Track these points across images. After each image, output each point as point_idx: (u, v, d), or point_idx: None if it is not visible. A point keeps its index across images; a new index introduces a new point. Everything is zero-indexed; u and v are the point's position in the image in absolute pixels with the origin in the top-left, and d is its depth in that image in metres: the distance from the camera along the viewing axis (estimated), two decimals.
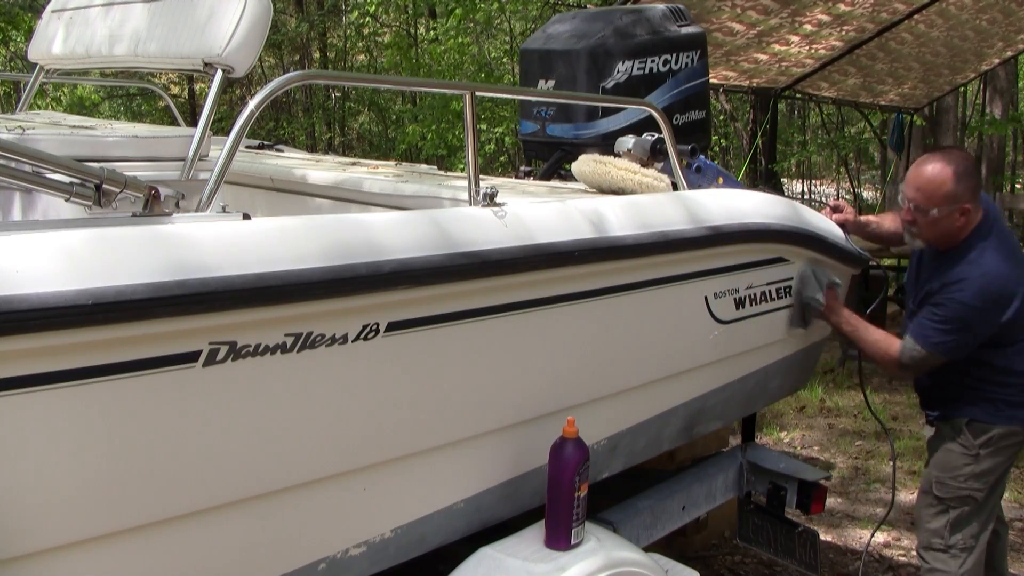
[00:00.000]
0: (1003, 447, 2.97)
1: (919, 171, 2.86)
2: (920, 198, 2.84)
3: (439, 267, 1.90)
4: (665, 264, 2.52)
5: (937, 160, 2.84)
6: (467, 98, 2.22)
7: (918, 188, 2.84)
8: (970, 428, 2.96)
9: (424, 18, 15.87)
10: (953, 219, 2.83)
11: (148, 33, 2.48)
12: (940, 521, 3.00)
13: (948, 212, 2.81)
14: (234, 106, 13.78)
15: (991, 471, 2.97)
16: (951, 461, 3.00)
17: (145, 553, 1.68)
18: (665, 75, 3.82)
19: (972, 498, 2.97)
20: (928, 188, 2.81)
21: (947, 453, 3.02)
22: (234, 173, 2.36)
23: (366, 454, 1.95)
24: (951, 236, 2.88)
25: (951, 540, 2.97)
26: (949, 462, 3.01)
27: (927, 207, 2.82)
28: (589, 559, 2.17)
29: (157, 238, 1.59)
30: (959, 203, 2.80)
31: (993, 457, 2.96)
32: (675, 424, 2.81)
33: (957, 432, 2.99)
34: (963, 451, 2.98)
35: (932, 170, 2.82)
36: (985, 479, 2.97)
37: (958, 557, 2.96)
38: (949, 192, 2.79)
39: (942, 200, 2.80)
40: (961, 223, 2.85)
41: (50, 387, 1.46)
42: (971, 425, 2.96)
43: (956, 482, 2.98)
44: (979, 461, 2.95)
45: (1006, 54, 11.01)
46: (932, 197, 2.81)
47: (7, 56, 14.06)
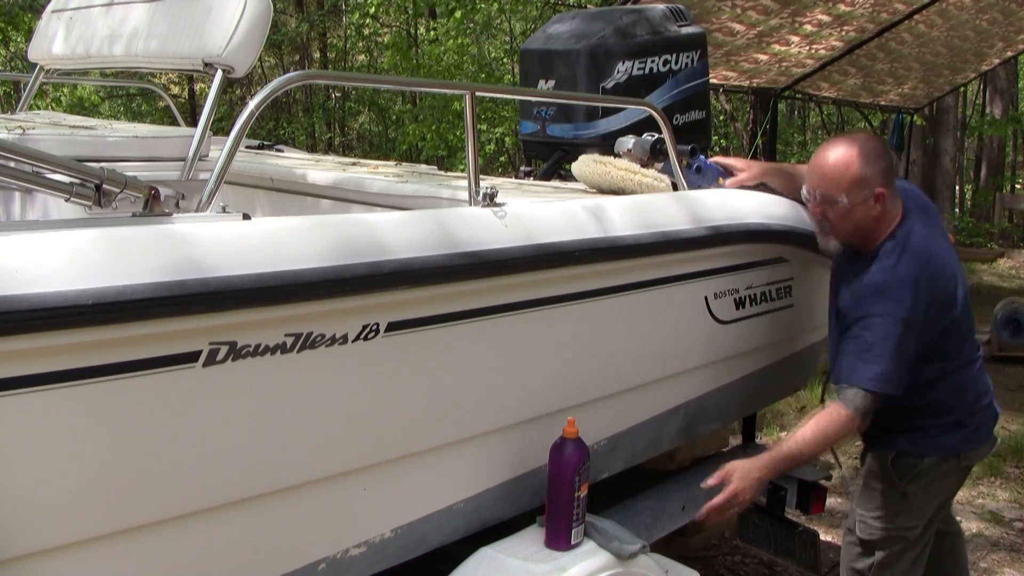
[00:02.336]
0: (936, 479, 2.63)
1: (821, 157, 2.52)
2: (826, 185, 2.48)
3: (439, 267, 1.90)
4: (665, 264, 2.52)
5: (839, 143, 2.51)
6: (467, 98, 2.23)
7: (823, 175, 2.49)
8: (896, 464, 2.61)
9: (424, 18, 15.87)
10: (868, 207, 2.47)
11: (148, 33, 2.48)
12: (864, 562, 2.68)
13: (860, 199, 2.45)
14: (234, 106, 13.78)
15: (922, 506, 2.63)
16: (874, 500, 2.66)
17: (145, 553, 1.68)
18: (665, 75, 3.82)
19: (901, 537, 2.63)
20: (834, 173, 2.46)
21: (871, 492, 2.68)
22: (234, 173, 2.36)
23: (366, 454, 1.95)
24: (868, 231, 2.52)
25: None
26: (872, 501, 2.67)
27: (835, 195, 2.47)
28: (589, 559, 2.17)
29: (157, 238, 1.59)
30: (871, 186, 2.45)
31: (923, 492, 2.62)
32: (675, 424, 2.81)
33: (882, 468, 2.65)
34: (887, 489, 2.64)
35: (835, 154, 2.48)
36: (917, 515, 2.63)
37: None
38: (857, 175, 2.44)
39: (851, 185, 2.45)
40: (877, 212, 2.48)
41: (50, 387, 1.46)
42: (897, 460, 2.62)
43: (881, 523, 2.64)
44: (906, 499, 2.61)
45: (1006, 54, 11.02)
46: (839, 183, 2.46)
47: (7, 56, 14.06)
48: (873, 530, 2.66)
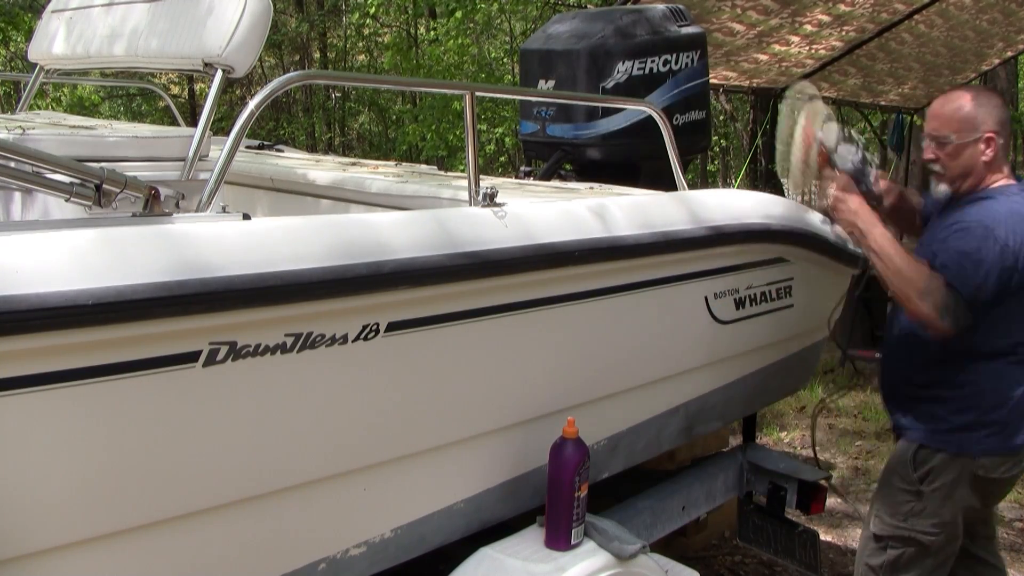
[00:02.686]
0: (952, 482, 2.54)
1: (937, 102, 2.60)
2: (937, 125, 2.54)
3: (439, 267, 1.90)
4: (665, 264, 2.52)
5: (956, 90, 2.62)
6: (467, 98, 2.23)
7: (935, 116, 2.57)
8: (916, 457, 2.57)
9: (424, 18, 15.87)
10: (977, 150, 2.49)
11: (148, 33, 2.48)
12: (877, 559, 2.64)
13: (969, 139, 2.49)
14: (234, 106, 13.78)
15: (938, 512, 2.55)
16: (891, 495, 2.64)
17: (145, 553, 1.68)
18: (665, 75, 3.82)
19: (915, 540, 2.57)
20: (945, 113, 2.53)
21: (888, 485, 2.66)
22: (234, 173, 2.36)
23: (366, 454, 1.95)
24: (976, 175, 2.52)
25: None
26: (888, 496, 2.64)
27: (945, 133, 2.52)
28: (589, 559, 2.17)
29: (157, 238, 1.59)
30: (980, 129, 2.49)
31: (938, 494, 2.54)
32: (675, 424, 2.81)
33: (902, 463, 2.61)
34: (904, 485, 2.60)
35: (950, 97, 2.57)
36: (934, 521, 2.55)
37: None
38: (968, 115, 2.50)
39: (960, 124, 2.50)
40: (988, 157, 2.49)
41: (50, 387, 1.46)
42: (918, 453, 2.58)
43: (894, 520, 2.60)
44: (921, 499, 2.55)
45: (1006, 54, 11.01)
46: (950, 121, 2.51)
47: (7, 56, 14.06)
48: (885, 526, 2.63)
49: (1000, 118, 2.52)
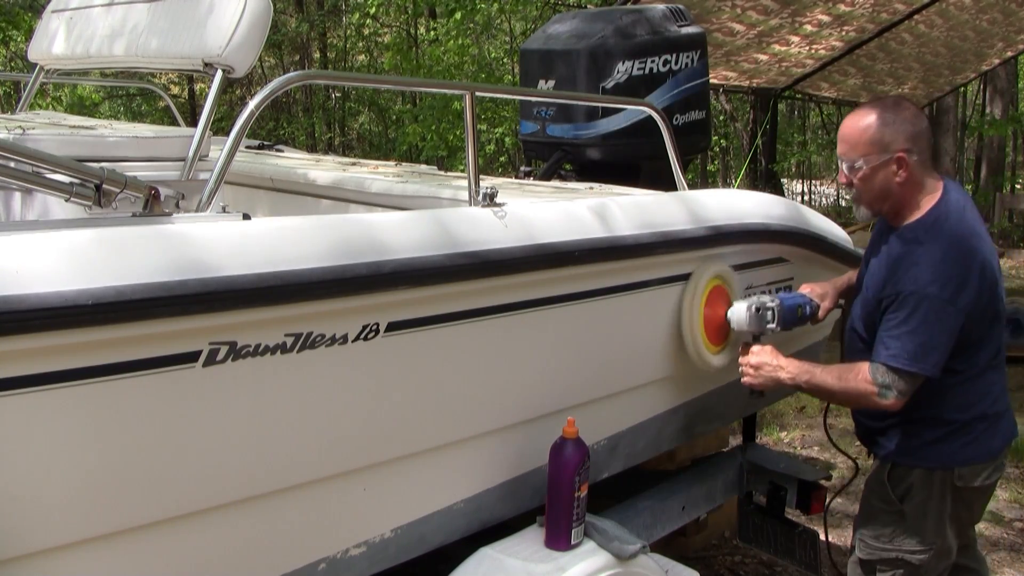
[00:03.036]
0: (930, 497, 2.45)
1: (845, 122, 2.44)
2: (846, 150, 2.39)
3: (439, 267, 1.90)
4: (665, 264, 2.52)
5: (864, 107, 2.43)
6: (467, 98, 2.23)
7: (843, 139, 2.40)
8: (892, 476, 2.49)
9: (424, 18, 15.87)
10: (888, 172, 2.35)
11: (148, 33, 2.48)
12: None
13: (879, 162, 2.34)
14: (234, 106, 13.78)
15: (922, 529, 2.46)
16: (872, 518, 2.55)
17: (145, 553, 1.67)
18: (665, 75, 3.83)
19: (903, 560, 2.48)
20: (851, 136, 2.37)
21: (869, 508, 2.58)
22: (234, 173, 2.36)
23: (366, 454, 1.95)
24: (895, 200, 2.40)
25: None
26: (870, 519, 2.56)
27: (853, 158, 2.37)
28: (589, 559, 2.17)
29: (157, 238, 1.59)
30: (890, 151, 2.33)
31: (920, 511, 2.45)
32: (675, 424, 2.81)
33: (879, 483, 2.53)
34: (884, 506, 2.52)
35: (856, 116, 2.39)
36: (917, 538, 2.47)
37: None
38: (874, 137, 2.33)
39: (867, 148, 2.34)
40: (902, 178, 2.35)
41: (50, 387, 1.46)
42: (893, 472, 2.50)
43: (879, 543, 2.52)
44: (904, 519, 2.47)
45: (1006, 54, 11.02)
46: (857, 145, 2.36)
47: (7, 56, 14.06)
48: (872, 550, 2.55)
49: (911, 132, 2.36)
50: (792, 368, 2.50)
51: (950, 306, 2.28)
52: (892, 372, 2.32)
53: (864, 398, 2.38)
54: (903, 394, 2.34)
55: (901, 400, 2.34)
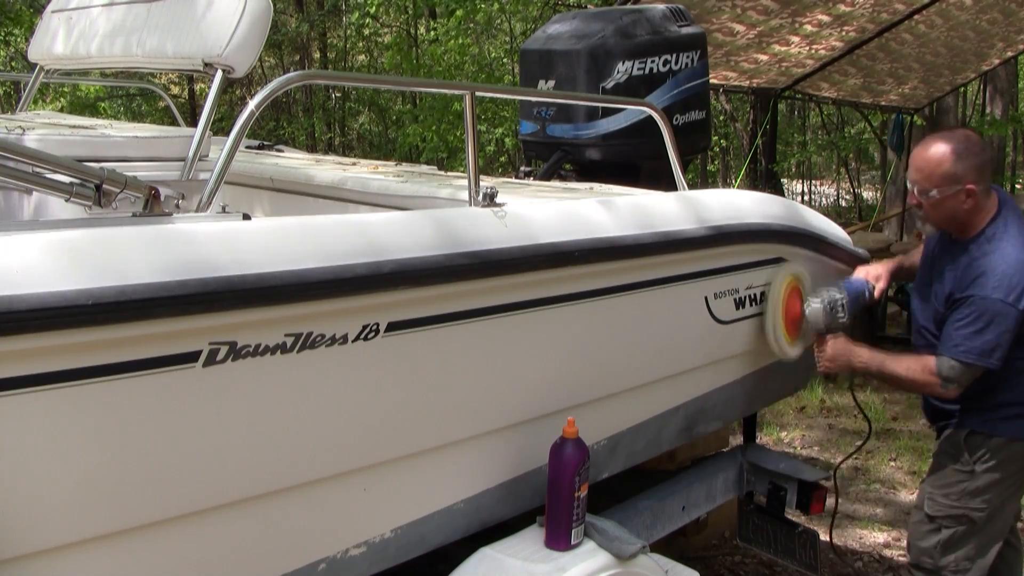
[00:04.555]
0: (1004, 461, 2.75)
1: (919, 152, 2.73)
2: (920, 178, 2.70)
3: (439, 267, 1.90)
4: (665, 264, 2.52)
5: (937, 139, 2.71)
6: (467, 98, 2.23)
7: (918, 168, 2.71)
8: (968, 441, 2.77)
9: (424, 18, 15.87)
10: (958, 200, 2.66)
11: (148, 33, 2.48)
12: (931, 540, 2.83)
13: (951, 192, 2.65)
14: (234, 106, 13.78)
15: (990, 489, 2.75)
16: (944, 477, 2.83)
17: (145, 553, 1.68)
18: (665, 75, 3.82)
19: (967, 518, 2.77)
20: (927, 168, 2.68)
21: (941, 468, 2.85)
22: (234, 173, 2.36)
23: (366, 454, 1.95)
24: (960, 221, 2.72)
25: (941, 561, 2.80)
26: (942, 477, 2.83)
27: (927, 187, 2.68)
28: (589, 559, 2.17)
29: (157, 238, 1.59)
30: (961, 183, 2.64)
31: (992, 473, 2.74)
32: (675, 424, 2.81)
33: (954, 445, 2.81)
34: (957, 466, 2.79)
35: (931, 150, 2.68)
36: (984, 498, 2.75)
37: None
38: (948, 171, 2.64)
39: (941, 180, 2.65)
40: (969, 205, 2.67)
41: (50, 387, 1.46)
42: (970, 438, 2.77)
43: (948, 500, 2.80)
44: (974, 477, 2.75)
45: (1006, 54, 11.01)
46: (931, 177, 2.67)
47: (7, 56, 14.06)
48: (940, 506, 2.80)
49: (978, 165, 2.67)
50: (864, 356, 2.87)
51: (1012, 308, 2.60)
52: (959, 365, 2.65)
53: (927, 387, 2.74)
54: (962, 386, 2.68)
55: (958, 391, 2.69)
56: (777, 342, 2.93)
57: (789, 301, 2.94)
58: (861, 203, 17.52)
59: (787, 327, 2.95)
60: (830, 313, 2.89)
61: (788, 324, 2.95)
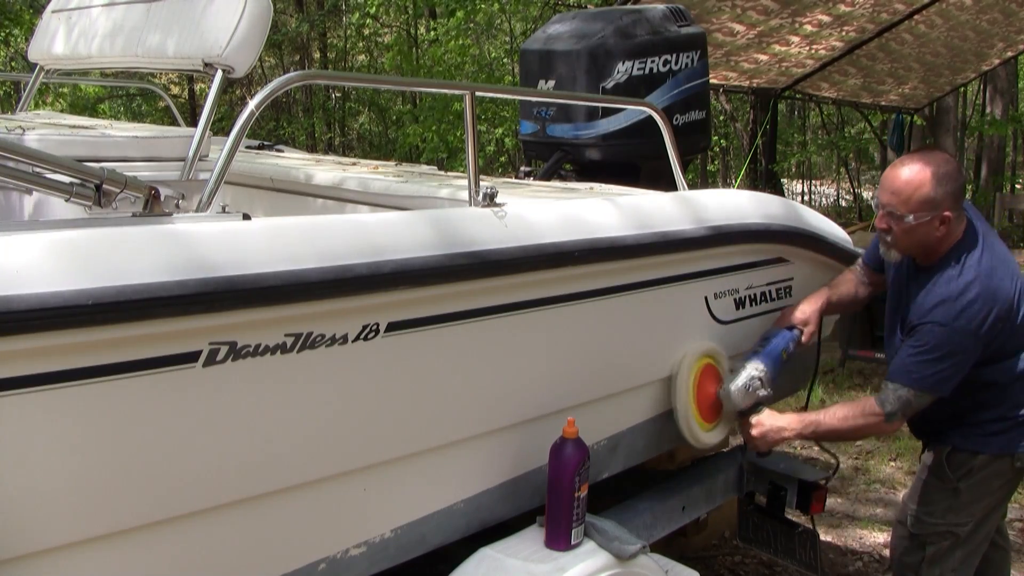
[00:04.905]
0: (988, 477, 2.67)
1: (894, 173, 2.53)
2: (895, 202, 2.50)
3: (439, 267, 1.90)
4: (665, 264, 2.52)
5: (915, 161, 2.52)
6: (467, 98, 2.23)
7: (893, 192, 2.51)
8: (950, 459, 2.68)
9: (424, 18, 15.87)
10: (932, 227, 2.50)
11: (148, 33, 2.48)
12: (915, 556, 2.76)
13: (926, 219, 2.48)
14: (234, 106, 13.77)
15: (973, 504, 2.68)
16: (927, 495, 2.73)
17: (145, 553, 1.68)
18: (665, 75, 3.83)
19: (951, 533, 2.70)
20: (904, 192, 2.48)
21: (923, 485, 2.75)
22: (234, 173, 2.36)
23: (366, 454, 1.95)
24: (929, 247, 2.56)
25: (926, 575, 2.73)
26: (925, 496, 2.74)
27: (902, 213, 2.49)
28: (589, 559, 2.17)
29: (157, 238, 1.59)
30: (938, 210, 2.47)
31: (975, 490, 2.67)
32: (675, 424, 2.81)
33: (937, 464, 2.72)
34: (939, 484, 2.71)
35: (909, 172, 2.49)
36: (967, 513, 2.69)
37: None
38: (926, 197, 2.46)
39: (918, 205, 2.47)
40: (941, 233, 2.51)
41: (50, 387, 1.46)
42: (952, 456, 2.68)
43: (932, 518, 2.72)
44: (957, 495, 2.68)
45: (1006, 54, 11.03)
46: (908, 202, 2.47)
47: (7, 56, 14.07)
48: (924, 525, 2.73)
49: (955, 192, 2.51)
50: (794, 424, 2.75)
51: (972, 337, 2.48)
52: (908, 393, 2.54)
53: (869, 429, 2.66)
54: (905, 417, 2.61)
55: (901, 424, 2.64)
56: (690, 430, 2.71)
57: (702, 383, 2.73)
58: (861, 203, 17.52)
59: (701, 414, 2.73)
60: (749, 394, 2.72)
61: (702, 410, 2.74)
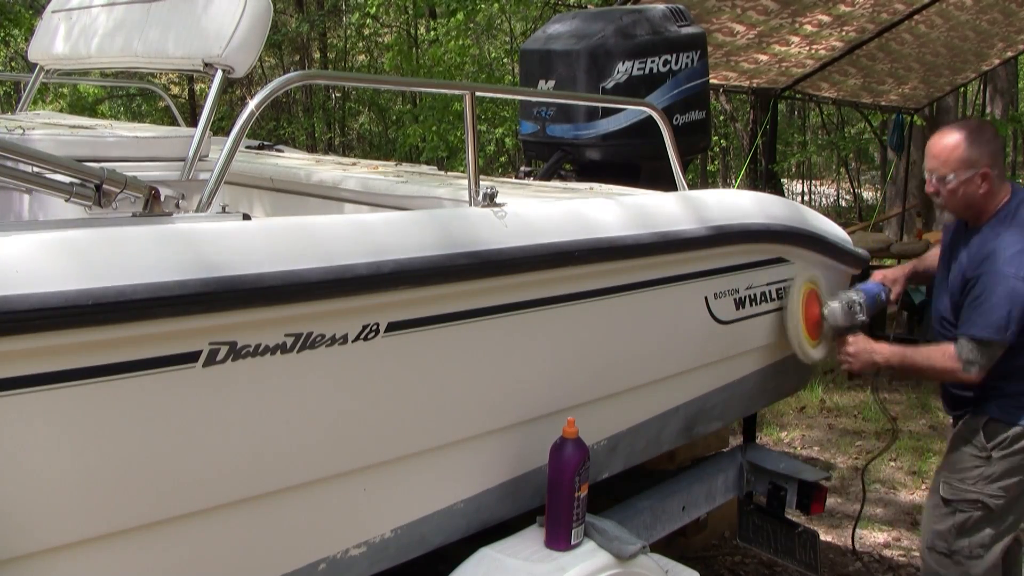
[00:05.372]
0: (1021, 451, 2.78)
1: (934, 140, 2.82)
2: (936, 165, 2.78)
3: (439, 267, 1.90)
4: (665, 264, 2.52)
5: (951, 128, 2.81)
6: (467, 98, 2.23)
7: (934, 156, 2.80)
8: (987, 428, 2.81)
9: (424, 19, 15.88)
10: (974, 185, 2.75)
11: (148, 33, 2.48)
12: (945, 523, 2.87)
13: (967, 177, 2.74)
14: (234, 106, 13.78)
15: (1007, 477, 2.79)
16: (960, 461, 2.87)
17: (145, 553, 1.68)
18: (665, 75, 3.82)
19: (983, 504, 2.81)
20: (943, 154, 2.77)
21: (958, 452, 2.89)
22: (234, 173, 2.36)
23: (366, 454, 1.95)
24: (977, 207, 2.80)
25: (955, 545, 2.84)
26: (958, 462, 2.88)
27: (944, 173, 2.77)
28: (589, 559, 2.17)
29: (157, 238, 1.59)
30: (976, 167, 2.73)
31: (1009, 460, 2.78)
32: (675, 424, 2.81)
33: (972, 432, 2.85)
34: (974, 452, 2.83)
35: (946, 137, 2.78)
36: (1001, 485, 2.79)
37: (961, 564, 2.84)
38: (963, 156, 2.74)
39: (957, 164, 2.74)
40: (984, 190, 2.75)
41: (50, 387, 1.46)
42: (988, 425, 2.81)
43: (964, 484, 2.84)
44: (990, 464, 2.80)
45: (1006, 54, 11.01)
46: (947, 162, 2.75)
47: (7, 56, 14.07)
48: (956, 490, 2.86)
49: (993, 151, 2.77)
50: (885, 351, 2.93)
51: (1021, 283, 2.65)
52: (976, 344, 2.70)
53: (950, 373, 2.78)
54: (984, 367, 2.72)
55: (982, 373, 2.73)
56: (800, 345, 3.00)
57: (808, 305, 3.00)
58: (861, 203, 17.54)
59: (808, 330, 3.01)
60: (849, 313, 2.98)
61: (809, 327, 3.01)
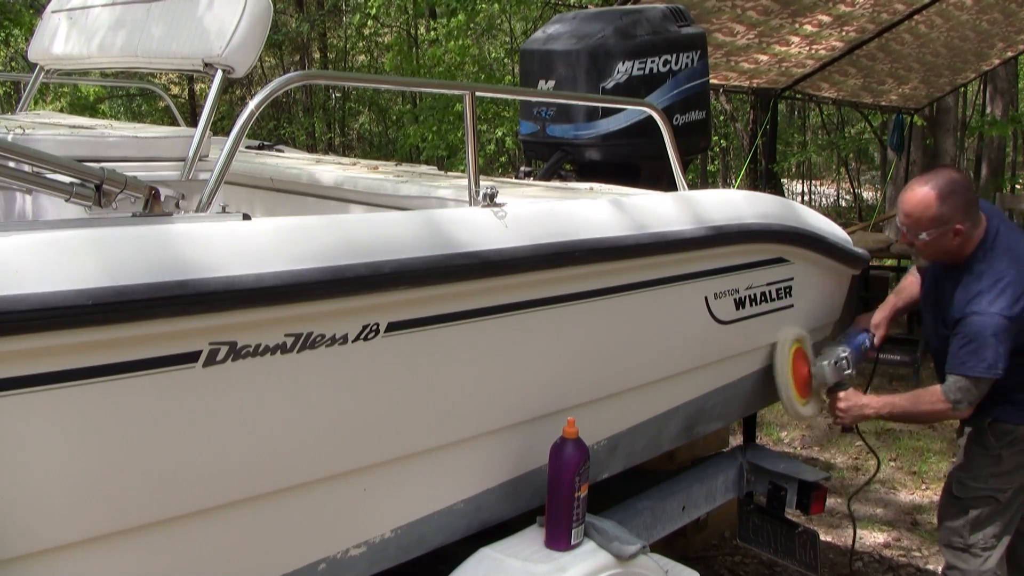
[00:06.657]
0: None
1: (905, 196, 2.88)
2: (909, 223, 2.86)
3: (439, 267, 1.90)
4: (665, 264, 2.52)
5: (921, 183, 2.85)
6: (467, 98, 2.23)
7: (906, 214, 2.87)
8: (992, 429, 2.95)
9: (424, 19, 15.88)
10: (947, 239, 2.83)
11: (148, 33, 2.48)
12: (960, 520, 3.01)
13: (939, 233, 2.82)
14: (234, 106, 13.79)
15: (1014, 471, 2.96)
16: (972, 462, 3.02)
17: (145, 553, 1.68)
18: (665, 75, 3.83)
19: (993, 499, 2.97)
20: (915, 213, 2.83)
21: (969, 454, 3.03)
22: (234, 173, 2.36)
23: (366, 454, 1.95)
24: (952, 253, 2.88)
25: (971, 539, 2.99)
26: (970, 463, 3.02)
27: (917, 230, 2.84)
28: (589, 559, 2.17)
29: (157, 238, 1.59)
30: (948, 224, 2.80)
31: (1016, 457, 2.94)
32: (675, 424, 2.81)
33: (980, 434, 2.99)
34: (984, 452, 2.98)
35: (916, 194, 2.83)
36: (1008, 479, 2.96)
37: (978, 556, 2.98)
38: (935, 215, 2.80)
39: (929, 223, 2.81)
40: (957, 242, 2.84)
41: (50, 387, 1.46)
42: (993, 426, 2.95)
43: (976, 483, 2.99)
44: (1000, 462, 2.95)
45: (1006, 54, 11.01)
46: (920, 221, 2.82)
47: (7, 56, 14.07)
48: (968, 489, 3.00)
49: (965, 205, 2.81)
50: (875, 404, 3.06)
51: (1006, 320, 2.76)
52: (966, 381, 2.80)
53: (940, 414, 2.93)
54: (973, 403, 2.84)
55: (971, 409, 2.85)
56: (790, 404, 3.09)
57: (796, 364, 3.08)
58: (861, 203, 17.54)
59: (797, 389, 3.09)
60: (836, 369, 3.09)
61: (798, 387, 3.09)
